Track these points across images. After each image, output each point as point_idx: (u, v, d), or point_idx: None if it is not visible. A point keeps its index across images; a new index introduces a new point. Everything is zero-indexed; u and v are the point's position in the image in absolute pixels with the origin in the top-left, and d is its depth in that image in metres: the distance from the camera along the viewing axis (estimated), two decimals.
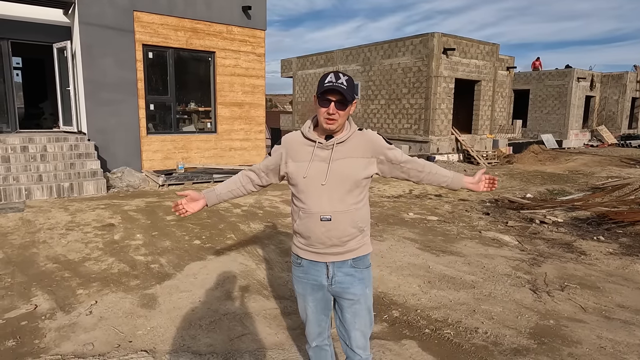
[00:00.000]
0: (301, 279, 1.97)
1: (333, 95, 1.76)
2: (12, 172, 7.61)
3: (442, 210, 7.20)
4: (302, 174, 1.85)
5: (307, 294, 1.96)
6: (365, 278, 1.94)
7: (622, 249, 5.16)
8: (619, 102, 25.79)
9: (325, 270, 1.90)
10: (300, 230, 1.91)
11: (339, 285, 1.90)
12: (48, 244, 4.96)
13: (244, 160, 11.05)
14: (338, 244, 1.86)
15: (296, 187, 1.89)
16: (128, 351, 2.81)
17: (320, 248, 1.87)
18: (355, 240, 1.89)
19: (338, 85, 1.74)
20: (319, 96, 1.79)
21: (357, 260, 1.91)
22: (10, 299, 3.53)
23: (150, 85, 9.73)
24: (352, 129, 1.89)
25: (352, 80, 1.83)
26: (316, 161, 1.84)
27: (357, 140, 1.89)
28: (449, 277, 4.18)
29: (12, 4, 8.63)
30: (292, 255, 2.03)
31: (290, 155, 1.91)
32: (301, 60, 21.65)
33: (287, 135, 1.99)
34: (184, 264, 4.43)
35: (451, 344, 2.98)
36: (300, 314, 2.07)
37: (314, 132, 1.89)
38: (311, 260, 1.91)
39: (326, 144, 1.84)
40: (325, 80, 1.77)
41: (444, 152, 15.81)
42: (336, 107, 1.77)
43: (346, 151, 1.85)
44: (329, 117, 1.78)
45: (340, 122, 1.81)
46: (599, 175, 12.11)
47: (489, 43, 16.66)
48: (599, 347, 2.95)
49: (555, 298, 3.75)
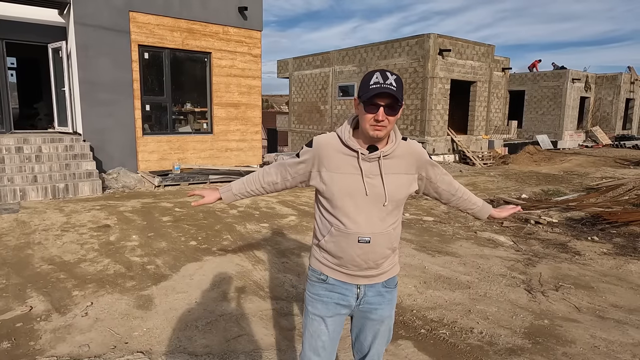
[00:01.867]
0: (323, 297, 1.72)
1: (382, 99, 1.50)
2: (6, 173, 7.57)
3: (438, 211, 7.23)
4: (342, 188, 1.61)
5: (328, 316, 1.72)
6: (393, 299, 1.79)
7: (616, 249, 5.20)
8: (614, 103, 25.97)
9: (355, 291, 1.71)
10: (330, 249, 1.68)
11: (368, 306, 1.74)
12: (43, 245, 4.94)
13: (240, 161, 11.05)
14: (373, 267, 1.69)
15: (330, 201, 1.64)
16: (124, 352, 2.81)
17: (353, 270, 1.68)
18: (389, 261, 1.73)
19: (387, 86, 1.49)
20: (365, 100, 1.53)
21: (389, 280, 1.76)
22: (5, 300, 3.51)
23: (146, 85, 9.71)
24: (398, 140, 1.65)
25: (401, 79, 1.56)
26: (358, 175, 1.61)
27: (402, 153, 1.66)
28: (445, 278, 4.20)
29: (6, 4, 8.59)
30: (312, 271, 1.77)
31: (324, 163, 1.65)
32: (297, 61, 21.66)
33: (321, 138, 1.69)
34: (180, 265, 4.43)
35: (447, 344, 3.00)
36: (309, 341, 1.76)
37: (354, 140, 1.62)
38: (340, 280, 1.71)
39: (369, 156, 1.60)
40: (370, 81, 1.51)
41: (440, 153, 15.87)
42: (386, 113, 1.51)
43: (391, 166, 1.63)
44: (377, 124, 1.53)
45: (388, 130, 1.57)
46: (594, 176, 12.19)
47: (484, 44, 16.74)
48: (593, 347, 2.98)
49: (549, 298, 3.77)
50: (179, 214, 6.59)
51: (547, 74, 24.51)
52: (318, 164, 1.67)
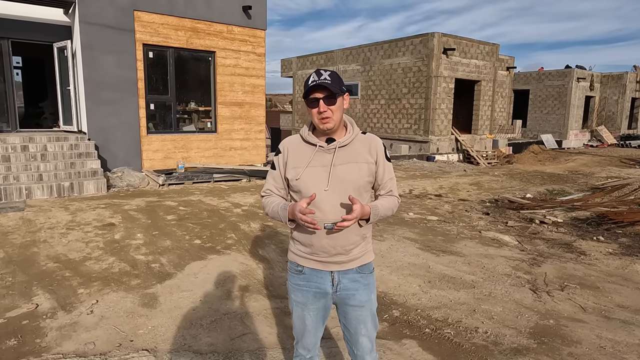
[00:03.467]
0: (301, 287, 1.87)
1: (319, 93, 1.69)
2: (12, 172, 7.61)
3: (442, 210, 7.21)
4: (303, 179, 1.76)
5: (309, 303, 1.86)
6: (370, 283, 1.88)
7: (621, 249, 5.17)
8: (619, 102, 25.82)
9: (330, 278, 1.83)
10: (300, 239, 1.83)
11: (345, 292, 1.84)
12: (49, 243, 4.97)
13: (244, 160, 11.06)
14: (342, 253, 1.79)
15: (298, 194, 1.80)
16: (129, 350, 2.82)
17: (324, 257, 1.80)
18: (359, 248, 1.83)
19: (321, 82, 1.67)
20: (306, 98, 1.73)
21: (362, 266, 1.86)
22: (11, 298, 3.54)
23: (151, 84, 9.73)
24: (355, 132, 1.82)
25: (337, 74, 1.74)
26: (317, 166, 1.76)
27: (360, 143, 1.82)
28: (449, 277, 4.19)
29: (12, 3, 8.64)
30: (290, 263, 1.93)
31: (290, 160, 1.82)
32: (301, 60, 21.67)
33: (285, 140, 1.90)
34: (185, 263, 4.44)
35: (451, 343, 2.99)
36: (295, 324, 1.94)
37: (313, 136, 1.81)
38: (314, 268, 1.83)
39: (327, 148, 1.77)
40: (308, 81, 1.71)
41: (444, 152, 15.83)
42: (326, 104, 1.69)
43: (348, 155, 1.78)
44: (322, 115, 1.71)
45: (335, 119, 1.73)
46: (599, 176, 12.13)
47: (489, 43, 16.68)
48: (599, 347, 2.96)
49: (555, 298, 3.76)
50: (183, 212, 6.61)
51: (551, 73, 24.40)
52: (285, 162, 1.84)
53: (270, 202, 1.87)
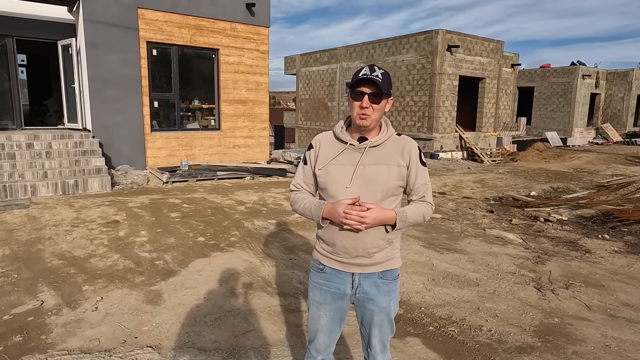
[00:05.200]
0: (321, 285, 1.83)
1: (367, 87, 1.65)
2: (17, 169, 7.65)
3: (446, 208, 7.19)
4: (327, 174, 1.73)
5: (326, 303, 1.83)
6: (391, 290, 1.82)
7: (627, 247, 5.14)
8: (625, 99, 25.63)
9: (350, 280, 1.78)
10: (323, 237, 1.79)
11: (364, 296, 1.79)
12: (54, 240, 4.99)
13: (248, 158, 11.07)
14: (364, 255, 1.74)
15: (325, 190, 1.77)
16: (134, 347, 2.83)
17: (345, 257, 1.75)
18: (383, 252, 1.76)
19: (372, 77, 1.64)
20: (352, 89, 1.68)
21: (386, 272, 1.79)
22: (16, 294, 3.56)
23: (155, 82, 9.75)
24: (389, 133, 1.76)
25: (389, 75, 1.71)
26: (345, 164, 1.72)
27: (393, 145, 1.76)
28: (453, 275, 4.18)
29: (17, 1, 8.66)
30: (313, 260, 1.91)
31: (320, 155, 1.79)
32: (305, 57, 21.63)
33: (318, 135, 1.87)
34: (189, 260, 4.45)
35: (455, 341, 2.99)
36: (310, 323, 1.90)
37: (346, 133, 1.78)
38: (335, 268, 1.79)
39: (358, 147, 1.73)
40: (359, 73, 1.67)
41: (448, 150, 15.78)
42: (370, 101, 1.65)
43: (379, 156, 1.73)
44: (362, 111, 1.66)
45: (373, 119, 1.69)
46: (604, 173, 12.06)
47: (493, 40, 16.58)
48: (604, 346, 2.95)
49: (559, 296, 3.74)
50: (187, 210, 6.63)
51: (556, 70, 24.23)
52: (316, 158, 1.81)
53: (302, 198, 1.83)
